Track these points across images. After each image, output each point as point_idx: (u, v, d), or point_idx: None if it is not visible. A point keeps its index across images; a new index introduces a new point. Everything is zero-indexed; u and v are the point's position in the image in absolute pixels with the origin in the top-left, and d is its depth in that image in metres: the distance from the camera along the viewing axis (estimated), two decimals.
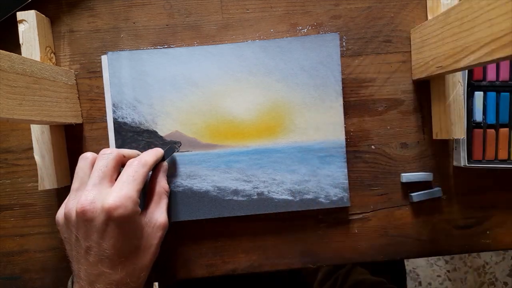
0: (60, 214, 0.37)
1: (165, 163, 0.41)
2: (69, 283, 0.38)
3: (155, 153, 0.40)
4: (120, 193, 0.34)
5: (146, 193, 0.40)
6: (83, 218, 0.34)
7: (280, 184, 0.42)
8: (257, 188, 0.42)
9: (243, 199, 0.42)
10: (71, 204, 0.36)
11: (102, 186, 0.35)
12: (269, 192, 0.42)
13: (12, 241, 0.44)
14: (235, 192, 0.42)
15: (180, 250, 0.44)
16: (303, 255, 0.44)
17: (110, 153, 0.37)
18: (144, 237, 0.37)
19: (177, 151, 0.42)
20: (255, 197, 0.42)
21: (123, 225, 0.34)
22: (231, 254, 0.44)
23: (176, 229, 0.44)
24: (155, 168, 0.40)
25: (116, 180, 0.37)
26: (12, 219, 0.44)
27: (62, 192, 0.44)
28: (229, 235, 0.44)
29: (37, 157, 0.41)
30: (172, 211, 0.42)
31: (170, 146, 0.42)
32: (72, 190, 0.37)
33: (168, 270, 0.44)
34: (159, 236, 0.38)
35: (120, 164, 0.38)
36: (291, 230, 0.44)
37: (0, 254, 0.44)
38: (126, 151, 0.39)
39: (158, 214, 0.39)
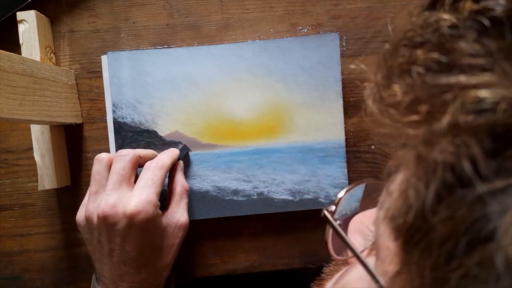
0: (80, 216, 0.37)
1: (181, 162, 0.41)
2: (93, 278, 0.39)
3: (171, 154, 0.40)
4: (140, 198, 0.35)
5: (165, 193, 0.41)
6: (105, 222, 0.34)
7: (280, 184, 0.42)
8: (257, 188, 0.42)
9: (243, 199, 0.42)
10: (92, 208, 0.36)
11: (121, 189, 0.36)
12: (269, 192, 0.42)
13: (12, 241, 0.44)
14: (235, 192, 0.42)
15: (180, 250, 0.44)
16: (303, 255, 0.44)
17: (127, 154, 0.37)
18: (166, 238, 0.38)
19: (191, 151, 0.42)
20: (255, 197, 0.42)
21: (145, 228, 0.35)
22: (231, 254, 0.44)
23: None
24: (172, 167, 0.41)
25: (134, 182, 0.37)
26: (12, 219, 0.44)
27: (62, 192, 0.44)
28: (229, 235, 0.44)
29: (37, 157, 0.41)
30: None
31: (184, 145, 0.42)
32: (90, 193, 0.37)
33: None
34: (180, 236, 0.39)
35: (137, 165, 0.38)
36: (291, 230, 0.44)
37: (0, 254, 0.44)
38: (142, 152, 0.39)
39: (179, 214, 0.39)
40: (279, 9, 0.44)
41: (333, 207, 0.26)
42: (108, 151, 0.43)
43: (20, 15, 0.41)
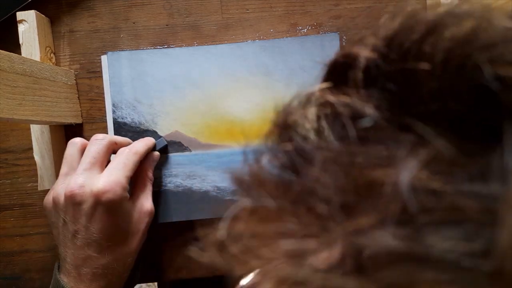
0: (48, 199, 0.37)
1: (157, 153, 0.41)
2: (55, 267, 0.38)
3: (147, 142, 0.40)
4: (109, 178, 0.35)
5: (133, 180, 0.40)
6: (72, 201, 0.34)
7: None
8: None
9: None
10: (60, 189, 0.35)
11: (92, 171, 0.36)
12: None
13: (12, 241, 0.44)
14: (235, 192, 0.42)
15: (180, 250, 0.44)
16: None
17: (103, 139, 0.37)
18: (131, 222, 0.37)
19: (166, 149, 0.42)
20: None
21: (111, 209, 0.35)
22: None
23: (176, 229, 0.44)
24: (145, 157, 0.40)
25: (106, 166, 0.37)
26: (12, 219, 0.44)
27: None
28: None
29: (37, 157, 0.41)
30: (172, 211, 0.42)
31: (162, 138, 0.42)
32: (60, 175, 0.37)
33: (168, 269, 0.44)
34: (146, 221, 0.38)
35: (111, 151, 0.38)
36: None
37: (0, 254, 0.44)
38: (118, 139, 0.39)
39: (144, 200, 0.39)
40: (279, 9, 0.44)
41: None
42: None
43: (20, 15, 0.41)
